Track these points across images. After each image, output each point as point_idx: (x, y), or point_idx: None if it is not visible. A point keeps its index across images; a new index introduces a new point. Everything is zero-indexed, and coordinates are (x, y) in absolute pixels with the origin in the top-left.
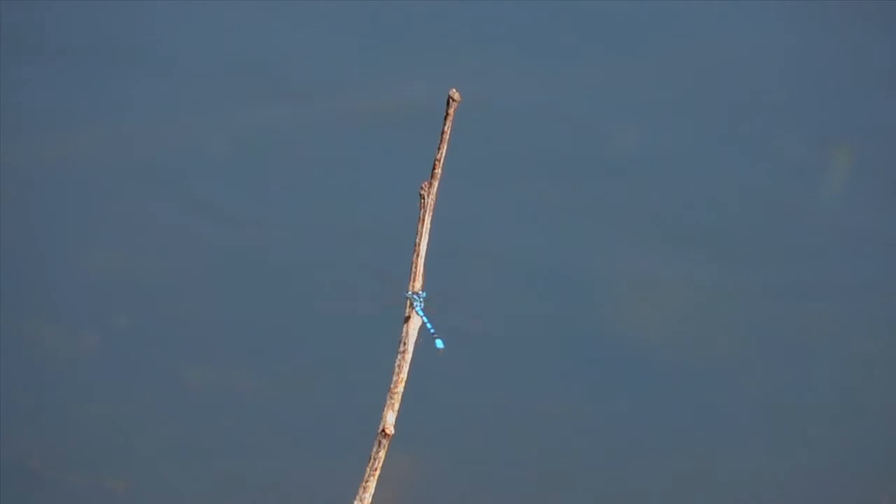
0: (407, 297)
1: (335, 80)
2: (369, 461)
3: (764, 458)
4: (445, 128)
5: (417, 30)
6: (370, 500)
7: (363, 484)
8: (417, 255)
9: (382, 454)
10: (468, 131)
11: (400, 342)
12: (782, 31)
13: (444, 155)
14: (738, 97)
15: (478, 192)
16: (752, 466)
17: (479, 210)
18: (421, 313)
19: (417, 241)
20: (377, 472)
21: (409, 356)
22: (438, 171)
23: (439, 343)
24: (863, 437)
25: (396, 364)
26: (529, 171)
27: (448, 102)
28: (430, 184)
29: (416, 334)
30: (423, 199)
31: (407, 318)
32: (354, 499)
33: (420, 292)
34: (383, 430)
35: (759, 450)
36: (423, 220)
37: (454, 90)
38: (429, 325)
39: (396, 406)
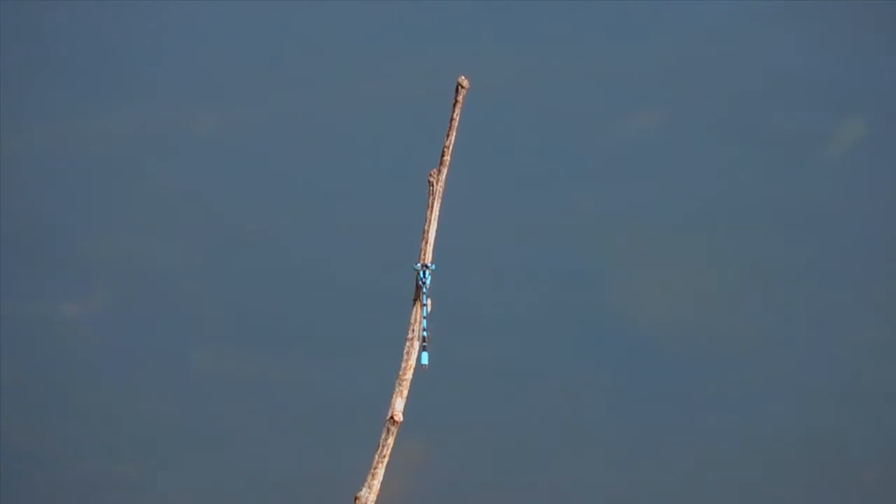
0: (415, 269)
1: (343, 66)
2: (378, 448)
3: (753, 434)
4: (454, 115)
5: (427, 15)
6: (378, 487)
7: (371, 471)
8: (426, 242)
9: (391, 441)
10: (475, 120)
11: (408, 327)
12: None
13: (453, 142)
14: (739, 85)
15: (484, 183)
16: (745, 443)
17: (487, 199)
18: (426, 301)
19: (426, 227)
20: (386, 460)
21: (417, 342)
22: (447, 157)
23: (424, 358)
24: (851, 412)
25: (405, 350)
26: (535, 160)
27: (457, 89)
28: (439, 171)
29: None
30: (432, 185)
31: (415, 301)
32: (363, 486)
33: (429, 264)
34: (392, 417)
35: (752, 428)
36: (432, 207)
37: (463, 77)
38: (425, 326)
39: (405, 392)
